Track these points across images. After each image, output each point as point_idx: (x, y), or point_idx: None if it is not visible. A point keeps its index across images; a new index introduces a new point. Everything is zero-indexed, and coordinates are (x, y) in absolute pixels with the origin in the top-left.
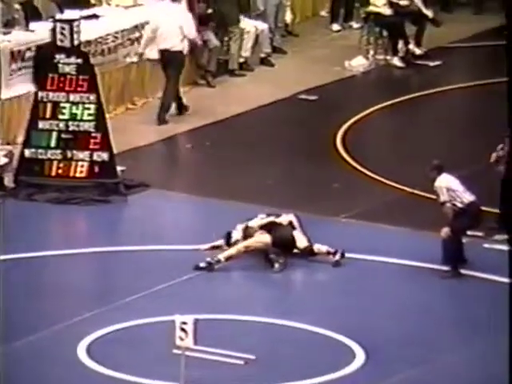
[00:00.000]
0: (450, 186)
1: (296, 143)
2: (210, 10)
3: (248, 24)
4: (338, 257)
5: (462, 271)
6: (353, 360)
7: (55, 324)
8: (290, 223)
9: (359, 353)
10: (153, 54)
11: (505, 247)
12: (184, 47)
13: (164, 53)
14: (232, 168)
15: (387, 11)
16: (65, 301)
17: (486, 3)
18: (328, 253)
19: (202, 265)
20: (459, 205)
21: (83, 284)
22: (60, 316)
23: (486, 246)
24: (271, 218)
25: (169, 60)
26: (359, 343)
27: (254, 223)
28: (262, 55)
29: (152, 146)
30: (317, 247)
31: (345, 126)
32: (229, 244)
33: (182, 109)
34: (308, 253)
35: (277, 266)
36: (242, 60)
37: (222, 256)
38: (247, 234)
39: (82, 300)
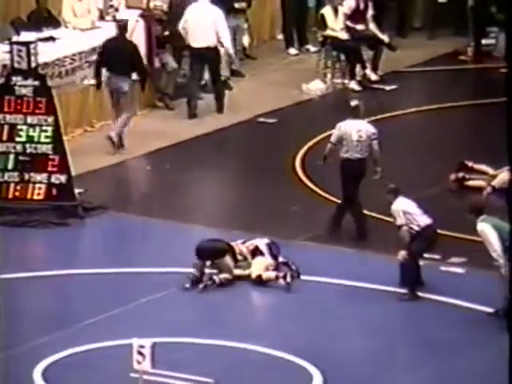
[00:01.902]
0: (406, 210)
1: (255, 166)
2: (166, 33)
3: None
4: (288, 279)
5: (420, 294)
6: (310, 383)
7: (11, 348)
8: (256, 248)
9: (316, 375)
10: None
11: (461, 270)
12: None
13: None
14: (191, 190)
15: (344, 36)
16: (21, 324)
17: (440, 29)
18: (277, 277)
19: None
20: (416, 228)
21: (40, 307)
22: (16, 340)
23: (443, 268)
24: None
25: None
26: (317, 366)
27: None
28: (222, 78)
29: (110, 169)
30: (265, 275)
31: (303, 149)
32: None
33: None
34: (258, 281)
35: (282, 281)
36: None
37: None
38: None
39: (38, 323)
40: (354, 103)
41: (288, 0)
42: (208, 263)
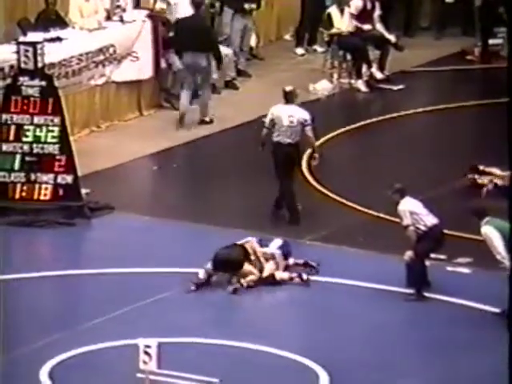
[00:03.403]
0: (412, 210)
1: (261, 166)
2: (171, 33)
3: None
4: (304, 277)
5: (426, 294)
6: (317, 383)
7: (18, 348)
8: (272, 256)
9: (323, 376)
10: (118, 76)
11: (467, 270)
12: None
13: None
14: (197, 190)
15: (349, 33)
16: (28, 324)
17: (447, 28)
18: (291, 278)
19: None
20: (422, 228)
21: (47, 307)
22: (23, 340)
23: (450, 269)
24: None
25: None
26: (323, 366)
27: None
28: (228, 78)
29: (117, 169)
30: (279, 275)
31: (310, 149)
32: None
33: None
34: (271, 281)
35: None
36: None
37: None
38: None
39: (45, 324)
40: (288, 88)
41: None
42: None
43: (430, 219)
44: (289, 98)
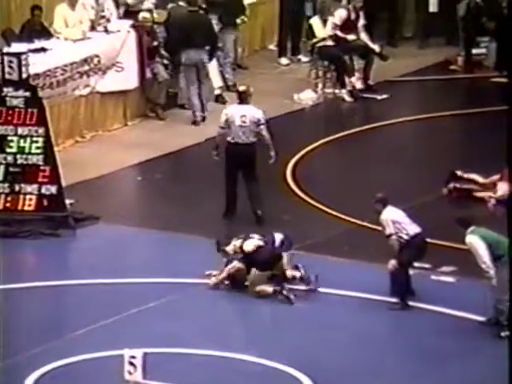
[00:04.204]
0: (395, 219)
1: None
2: (155, 43)
3: None
4: (285, 293)
5: (410, 303)
6: None
7: (4, 358)
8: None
9: None
10: (102, 86)
11: (451, 279)
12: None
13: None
14: (182, 200)
15: (328, 42)
16: (13, 335)
17: (431, 38)
18: (274, 292)
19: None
20: (405, 237)
21: (31, 318)
22: (7, 350)
23: (434, 277)
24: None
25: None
26: (308, 375)
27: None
28: (217, 92)
29: (102, 179)
30: (290, 273)
31: (294, 159)
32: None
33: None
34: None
35: (280, 297)
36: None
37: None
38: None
39: (30, 334)
40: (242, 88)
41: (286, 9)
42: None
43: (412, 228)
44: (243, 97)
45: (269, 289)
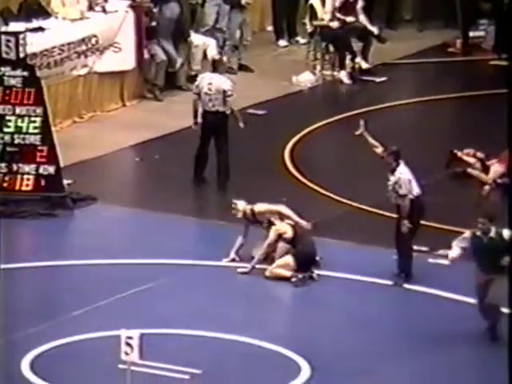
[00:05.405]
0: (410, 178)
1: (244, 157)
2: (154, 23)
3: (197, 38)
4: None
5: (407, 286)
6: (298, 374)
7: None
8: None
9: (305, 367)
10: (100, 66)
11: (448, 262)
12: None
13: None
14: (180, 182)
15: (334, 24)
16: (8, 315)
17: (430, 21)
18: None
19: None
20: (411, 197)
21: (28, 298)
22: (4, 331)
23: (431, 260)
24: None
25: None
26: (305, 357)
27: (261, 207)
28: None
29: (100, 159)
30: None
31: (293, 141)
32: None
33: None
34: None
35: (294, 279)
36: (193, 73)
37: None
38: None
39: (26, 315)
40: (217, 57)
41: None
42: None
43: (416, 188)
44: (215, 66)
45: (287, 273)
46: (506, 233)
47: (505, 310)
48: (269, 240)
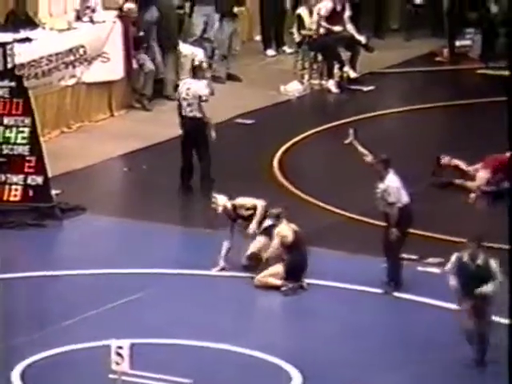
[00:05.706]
0: (399, 186)
1: (233, 167)
2: (141, 33)
3: (185, 48)
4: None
5: (397, 294)
6: (289, 383)
7: None
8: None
9: (296, 376)
10: (88, 77)
11: (438, 270)
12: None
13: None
14: (167, 192)
15: (321, 31)
16: None
17: (417, 30)
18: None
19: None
20: (399, 205)
21: (17, 309)
22: None
23: (420, 269)
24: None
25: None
26: (296, 366)
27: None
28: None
29: (88, 170)
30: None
31: (281, 150)
32: None
33: None
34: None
35: (284, 288)
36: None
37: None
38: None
39: (16, 325)
40: (197, 62)
41: (266, 2)
42: None
43: (405, 197)
44: (195, 71)
45: (277, 282)
46: (493, 264)
47: (504, 321)
48: (274, 245)
